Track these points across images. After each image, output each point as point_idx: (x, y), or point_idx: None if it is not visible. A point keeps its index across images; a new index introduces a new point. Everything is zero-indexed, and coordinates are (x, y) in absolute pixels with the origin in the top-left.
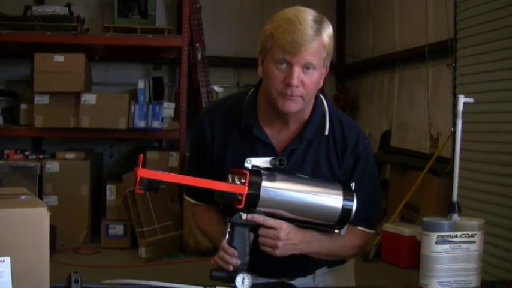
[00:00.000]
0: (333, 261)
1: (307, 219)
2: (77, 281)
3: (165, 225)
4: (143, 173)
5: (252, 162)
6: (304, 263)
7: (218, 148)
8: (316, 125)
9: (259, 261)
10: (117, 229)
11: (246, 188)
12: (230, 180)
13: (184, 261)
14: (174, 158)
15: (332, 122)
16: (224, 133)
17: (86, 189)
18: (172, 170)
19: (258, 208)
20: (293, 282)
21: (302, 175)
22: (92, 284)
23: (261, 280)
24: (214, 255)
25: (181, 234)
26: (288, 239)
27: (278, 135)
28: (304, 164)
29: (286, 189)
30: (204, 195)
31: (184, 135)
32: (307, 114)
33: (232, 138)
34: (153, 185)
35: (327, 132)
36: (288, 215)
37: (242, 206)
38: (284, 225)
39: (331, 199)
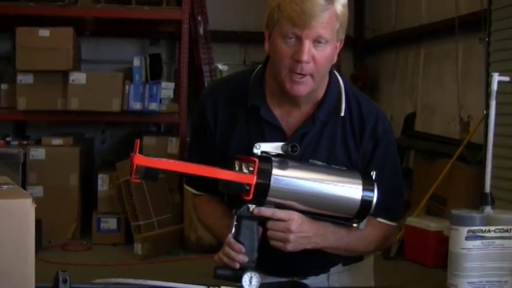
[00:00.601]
0: (349, 258)
1: (322, 212)
2: (65, 281)
3: (164, 218)
4: (140, 160)
5: (261, 147)
6: (317, 260)
7: (221, 132)
8: (331, 104)
9: (269, 258)
10: (110, 223)
11: (255, 177)
12: (237, 168)
13: (185, 258)
14: (173, 144)
15: (349, 102)
16: (228, 115)
17: (75, 179)
18: (171, 157)
19: (268, 199)
20: (305, 281)
21: (316, 161)
22: (82, 284)
23: (270, 279)
24: (219, 251)
25: (182, 228)
26: (300, 232)
27: (288, 117)
28: (317, 149)
29: (299, 178)
30: (207, 184)
31: (184, 118)
32: (320, 93)
33: (237, 120)
34: (151, 174)
35: (343, 113)
36: (301, 206)
37: (250, 197)
38: (295, 216)
39: (350, 189)
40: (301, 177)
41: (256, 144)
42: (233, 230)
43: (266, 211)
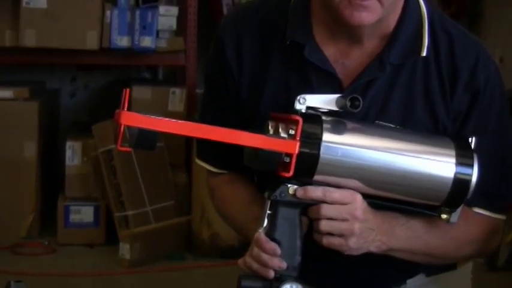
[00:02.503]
0: (435, 266)
1: (395, 196)
2: None
3: (163, 207)
4: (130, 118)
5: (307, 101)
6: (387, 267)
7: (248, 80)
8: (408, 40)
9: (315, 264)
10: (84, 214)
11: (298, 143)
12: (271, 131)
13: (194, 265)
14: (176, 98)
15: (434, 36)
16: (258, 56)
17: (32, 149)
18: (174, 116)
19: (315, 177)
20: None
21: (385, 123)
22: None
23: None
24: (244, 254)
25: (189, 222)
26: (366, 220)
27: (345, 59)
28: (388, 105)
29: (362, 147)
30: (229, 158)
31: (193, 59)
32: (391, 23)
33: (270, 64)
34: (146, 139)
35: (425, 53)
36: (364, 189)
37: (290, 173)
38: (358, 197)
39: (437, 164)
40: (365, 145)
41: (300, 97)
42: (265, 222)
43: (315, 191)
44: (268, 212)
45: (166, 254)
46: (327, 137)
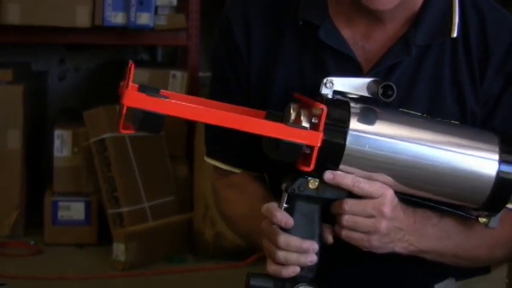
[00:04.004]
0: (465, 270)
1: (428, 196)
2: None
3: (162, 203)
4: (134, 99)
5: (334, 84)
6: (413, 272)
7: (258, 64)
8: (435, 20)
9: (335, 268)
10: (74, 210)
11: (321, 133)
12: (292, 115)
13: (196, 268)
14: (177, 81)
15: (464, 14)
16: (268, 38)
17: (16, 138)
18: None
19: (340, 168)
20: None
21: (412, 112)
22: None
23: None
24: (250, 255)
25: (191, 220)
26: (394, 218)
27: (365, 42)
28: (413, 91)
29: (395, 138)
30: (242, 154)
31: (195, 39)
32: (418, 2)
33: (281, 46)
34: (152, 121)
35: (455, 34)
36: (396, 186)
37: (311, 167)
38: (389, 191)
39: (477, 160)
40: (399, 135)
41: (327, 80)
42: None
43: (345, 177)
44: (285, 205)
45: (165, 255)
46: (354, 125)
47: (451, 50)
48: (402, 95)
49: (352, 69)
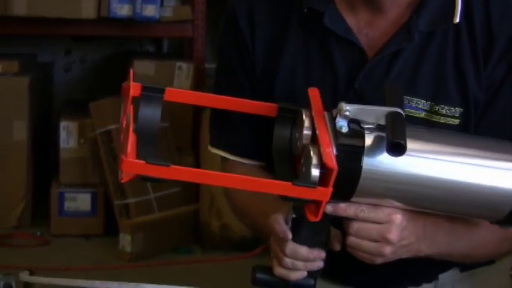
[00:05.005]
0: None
1: (444, 214)
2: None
3: (168, 194)
4: (135, 167)
5: (350, 112)
6: (418, 263)
7: (264, 52)
8: (439, 6)
9: (342, 258)
10: (80, 201)
11: (330, 189)
12: (306, 122)
13: (202, 259)
14: (183, 74)
15: (468, 1)
16: (272, 26)
17: (23, 130)
18: None
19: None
20: None
21: (417, 127)
22: None
23: None
24: (257, 247)
25: (197, 211)
26: (401, 240)
27: (368, 29)
28: (417, 79)
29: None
30: (248, 143)
31: (201, 30)
32: None
33: (286, 34)
34: None
35: (457, 19)
36: (407, 208)
37: (318, 218)
38: (398, 217)
39: (496, 173)
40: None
41: (342, 108)
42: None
43: (346, 209)
44: (293, 216)
45: (171, 246)
46: (367, 162)
47: (455, 36)
48: (406, 82)
49: (357, 56)
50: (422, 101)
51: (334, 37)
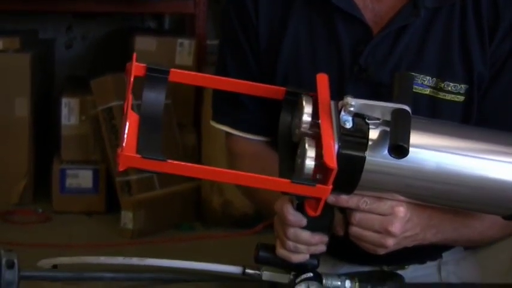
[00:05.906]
0: None
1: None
2: (11, 265)
3: None
4: (132, 161)
5: (354, 107)
6: (421, 246)
7: (268, 27)
8: None
9: (344, 242)
10: (82, 178)
11: (330, 186)
12: (305, 110)
13: (204, 236)
14: (184, 50)
15: None
16: (276, 2)
17: (24, 106)
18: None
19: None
20: (402, 272)
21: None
22: (38, 272)
23: (345, 268)
24: (259, 223)
25: (199, 188)
26: (404, 231)
27: (375, 4)
28: (422, 55)
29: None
30: (255, 119)
31: (203, 6)
32: None
33: (290, 9)
34: None
35: None
36: (409, 201)
37: (318, 213)
38: (401, 209)
39: (506, 166)
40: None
41: (347, 103)
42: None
43: (348, 200)
44: (297, 202)
45: (173, 223)
46: (370, 158)
47: (461, 13)
48: (411, 59)
49: (361, 32)
50: (428, 77)
51: (339, 12)
